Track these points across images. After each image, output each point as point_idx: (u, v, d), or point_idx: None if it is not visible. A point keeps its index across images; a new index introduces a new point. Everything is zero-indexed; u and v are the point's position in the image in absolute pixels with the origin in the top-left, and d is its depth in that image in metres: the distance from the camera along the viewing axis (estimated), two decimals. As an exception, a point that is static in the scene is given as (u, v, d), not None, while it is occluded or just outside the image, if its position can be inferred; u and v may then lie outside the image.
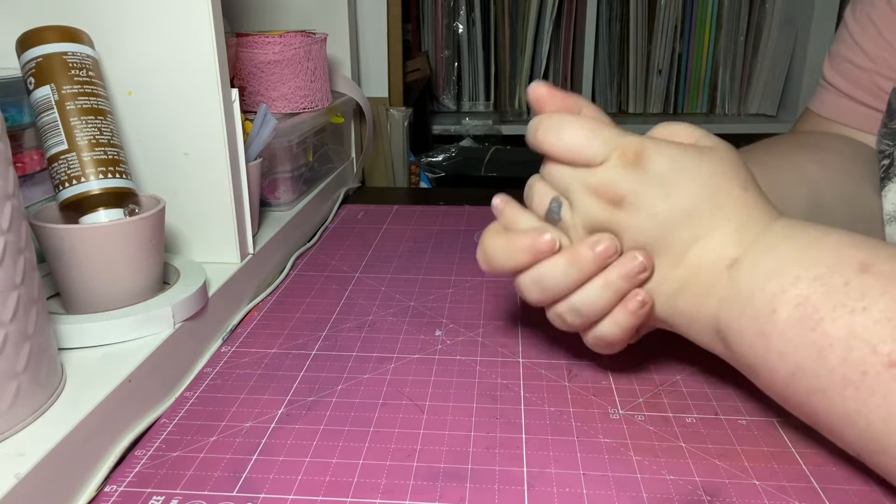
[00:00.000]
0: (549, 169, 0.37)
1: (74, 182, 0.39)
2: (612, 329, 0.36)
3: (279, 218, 0.62)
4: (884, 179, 0.46)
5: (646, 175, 0.34)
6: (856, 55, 0.50)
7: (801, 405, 0.31)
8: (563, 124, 0.36)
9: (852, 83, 0.50)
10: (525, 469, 0.33)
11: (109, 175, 0.40)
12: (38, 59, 0.39)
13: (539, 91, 0.37)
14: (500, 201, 0.39)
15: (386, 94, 0.96)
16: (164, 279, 0.44)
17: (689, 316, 0.35)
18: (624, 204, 0.34)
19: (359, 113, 0.89)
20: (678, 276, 0.34)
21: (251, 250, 0.52)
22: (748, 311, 0.32)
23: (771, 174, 0.44)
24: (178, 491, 0.32)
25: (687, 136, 0.36)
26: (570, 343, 0.44)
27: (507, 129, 1.42)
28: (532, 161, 0.39)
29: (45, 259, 0.40)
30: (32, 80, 0.39)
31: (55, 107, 0.39)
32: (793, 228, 0.33)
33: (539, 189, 0.38)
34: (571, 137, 0.35)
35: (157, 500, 0.31)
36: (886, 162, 0.45)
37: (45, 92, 0.39)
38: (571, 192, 0.36)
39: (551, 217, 0.37)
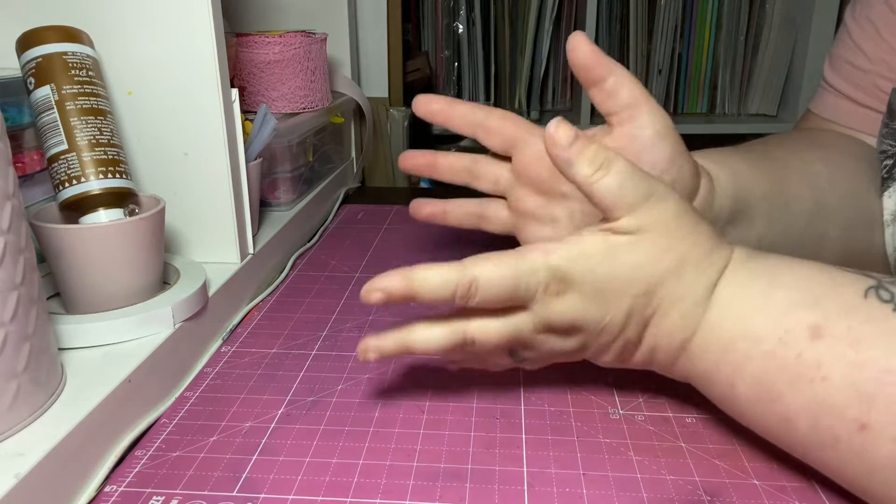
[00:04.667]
0: (490, 346, 0.34)
1: (74, 182, 0.39)
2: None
3: (279, 218, 0.62)
4: (886, 180, 0.46)
5: (577, 299, 0.32)
6: (855, 56, 0.50)
7: (790, 452, 0.32)
8: (479, 277, 0.32)
9: (852, 84, 0.50)
10: (525, 469, 0.33)
11: (109, 175, 0.40)
12: (38, 59, 0.39)
13: (582, 48, 0.37)
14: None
15: (386, 94, 0.96)
16: (164, 279, 0.44)
17: (668, 375, 0.36)
18: (575, 329, 0.34)
19: (359, 113, 0.89)
20: (642, 357, 0.35)
21: (251, 250, 0.52)
22: (711, 387, 0.33)
23: (783, 172, 0.44)
24: (178, 491, 0.32)
25: (620, 206, 0.32)
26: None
27: (507, 129, 1.41)
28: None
29: (45, 259, 0.40)
30: (32, 80, 0.39)
31: (55, 107, 0.39)
32: (735, 292, 0.32)
33: (494, 350, 0.35)
34: (497, 290, 0.32)
35: (157, 500, 0.31)
36: (889, 162, 0.45)
37: (45, 92, 0.39)
38: (527, 343, 0.35)
39: (519, 359, 0.36)
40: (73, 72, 0.40)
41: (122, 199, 0.41)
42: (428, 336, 0.34)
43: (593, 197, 0.32)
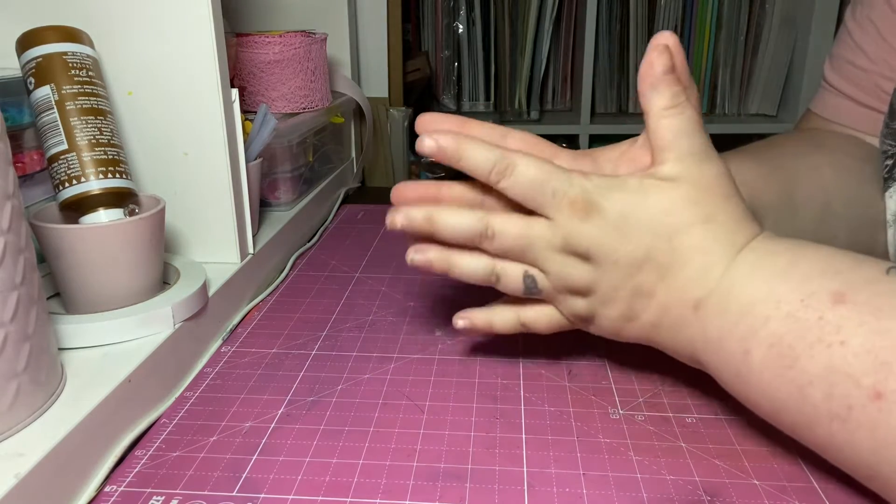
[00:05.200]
0: (507, 243, 0.36)
1: (74, 182, 0.39)
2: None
3: (279, 218, 0.62)
4: (887, 180, 0.46)
5: (600, 225, 0.34)
6: (856, 56, 0.49)
7: (790, 434, 0.32)
8: (518, 163, 0.35)
9: (853, 84, 0.50)
10: (525, 469, 0.33)
11: (109, 175, 0.40)
12: (38, 59, 0.39)
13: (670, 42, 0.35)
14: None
15: (386, 94, 0.96)
16: (164, 279, 0.44)
17: (669, 348, 0.36)
18: (590, 256, 0.35)
19: (359, 113, 0.89)
20: (651, 316, 0.35)
21: (251, 250, 0.52)
22: (721, 353, 0.32)
23: (792, 179, 0.44)
24: (178, 491, 0.32)
25: (668, 150, 0.34)
26: (570, 343, 0.44)
27: (507, 129, 1.41)
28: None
29: (45, 259, 0.40)
30: (32, 80, 0.39)
31: (55, 107, 0.39)
32: (760, 257, 0.32)
33: (507, 270, 0.37)
34: (530, 180, 0.35)
35: (157, 500, 0.31)
36: (890, 162, 0.45)
37: (45, 92, 0.39)
38: (541, 260, 0.36)
39: (531, 292, 0.37)
40: (73, 72, 0.40)
41: (122, 199, 0.41)
42: (454, 217, 0.36)
43: (656, 131, 0.34)
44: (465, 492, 0.32)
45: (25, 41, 0.40)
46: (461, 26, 1.44)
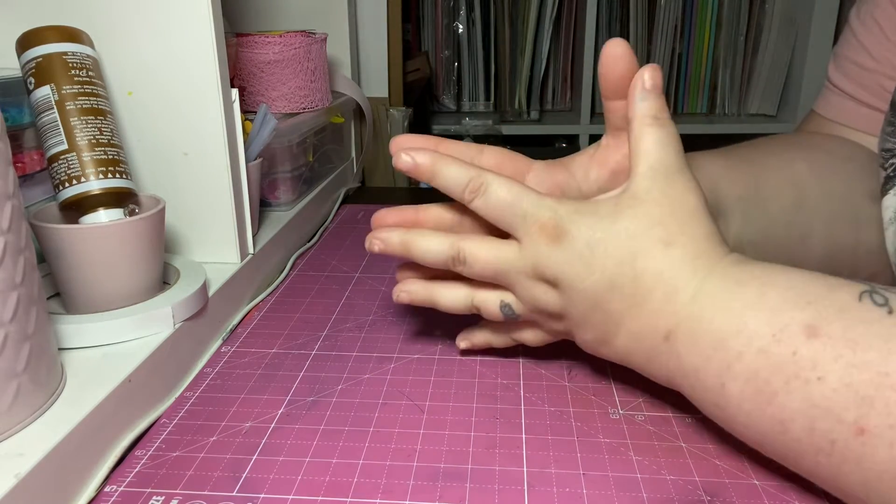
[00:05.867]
0: (478, 269, 0.37)
1: (74, 182, 0.39)
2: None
3: (279, 218, 0.62)
4: (891, 178, 0.45)
5: (567, 251, 0.34)
6: (860, 56, 0.49)
7: (779, 461, 0.31)
8: (491, 183, 0.36)
9: (857, 84, 0.50)
10: (525, 469, 0.33)
11: (109, 175, 0.40)
12: (38, 59, 0.39)
13: (619, 52, 0.37)
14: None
15: (386, 94, 0.96)
16: (164, 279, 0.44)
17: (646, 373, 0.36)
18: (557, 283, 0.35)
19: (359, 113, 0.89)
20: (623, 342, 0.35)
21: (251, 250, 0.52)
22: (697, 384, 0.32)
23: (759, 172, 0.44)
24: (178, 491, 0.32)
25: (642, 163, 0.35)
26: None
27: (507, 129, 1.42)
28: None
29: (45, 259, 0.40)
30: (32, 80, 0.39)
31: (55, 107, 0.39)
32: (727, 286, 0.31)
33: (484, 299, 0.38)
34: (502, 199, 0.36)
35: (157, 500, 0.31)
36: (895, 161, 0.45)
37: (45, 92, 0.39)
38: (512, 285, 0.37)
39: (510, 318, 0.38)
40: (73, 72, 0.40)
41: (122, 199, 0.41)
42: (426, 242, 0.38)
43: (640, 137, 0.35)
44: (465, 492, 0.32)
45: (25, 41, 0.40)
46: (461, 26, 1.44)
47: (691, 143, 0.41)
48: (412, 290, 0.40)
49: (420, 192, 0.92)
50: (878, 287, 0.29)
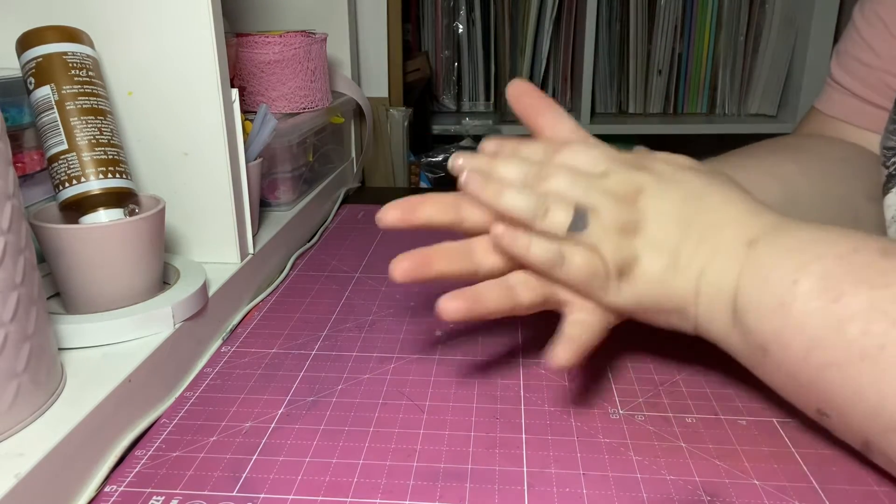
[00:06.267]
0: (560, 182, 0.36)
1: (74, 182, 0.39)
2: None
3: (279, 218, 0.62)
4: (895, 176, 0.45)
5: (654, 171, 0.37)
6: (864, 53, 0.49)
7: (812, 382, 0.31)
8: (566, 146, 0.38)
9: (860, 81, 0.50)
10: (525, 469, 0.33)
11: (109, 175, 0.40)
12: (38, 59, 0.39)
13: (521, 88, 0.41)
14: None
15: (386, 94, 0.96)
16: (164, 279, 0.44)
17: (709, 297, 0.34)
18: (642, 195, 0.36)
19: (359, 113, 0.89)
20: (700, 259, 0.35)
21: (251, 250, 0.52)
22: (769, 281, 0.32)
23: (742, 173, 0.44)
24: (178, 491, 0.32)
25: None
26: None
27: (507, 130, 1.42)
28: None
29: (45, 259, 0.40)
30: (32, 80, 0.39)
31: (55, 107, 0.39)
32: (806, 221, 0.34)
33: (553, 198, 0.35)
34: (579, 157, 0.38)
35: (157, 500, 0.31)
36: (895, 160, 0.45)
37: (45, 92, 0.39)
38: (593, 200, 0.35)
39: (577, 226, 0.35)
40: (73, 72, 0.40)
41: (122, 199, 0.41)
42: (511, 164, 0.39)
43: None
44: (465, 492, 0.32)
45: (25, 41, 0.40)
46: (461, 26, 1.44)
47: (691, 143, 0.42)
48: (482, 184, 0.37)
49: (420, 193, 0.92)
50: None
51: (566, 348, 0.35)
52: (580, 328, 0.36)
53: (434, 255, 0.37)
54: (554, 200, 0.35)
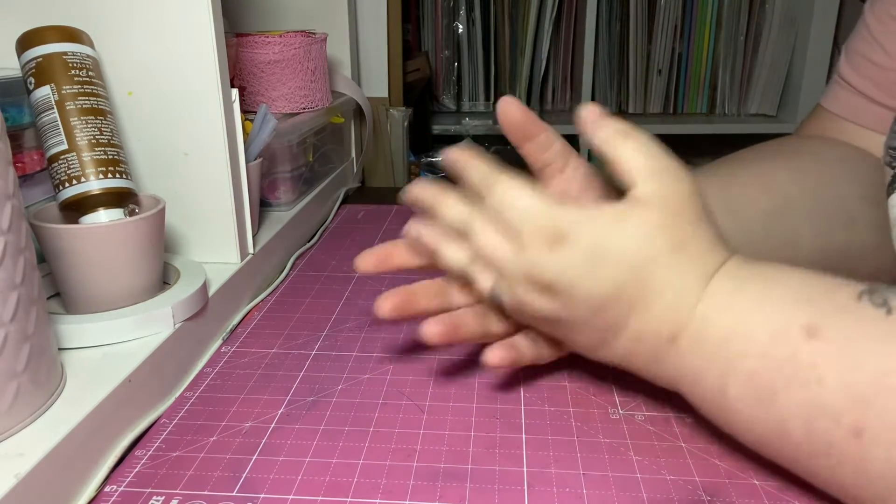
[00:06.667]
0: (481, 243, 0.35)
1: (74, 182, 0.39)
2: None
3: (279, 218, 0.62)
4: None
5: (569, 257, 0.32)
6: (874, 52, 0.49)
7: (780, 463, 0.31)
8: (500, 183, 0.35)
9: (869, 80, 0.49)
10: (525, 469, 0.33)
11: (109, 175, 0.40)
12: (38, 59, 0.39)
13: (512, 110, 0.39)
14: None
15: (386, 94, 0.96)
16: (164, 279, 0.44)
17: (646, 376, 0.35)
18: (553, 290, 0.33)
19: (359, 113, 0.89)
20: (623, 346, 0.34)
21: (251, 250, 0.52)
22: (699, 386, 0.32)
23: (723, 184, 0.44)
24: (178, 491, 0.32)
25: (636, 170, 0.33)
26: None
27: (507, 129, 1.41)
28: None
29: (45, 259, 0.40)
30: (32, 80, 0.39)
31: (55, 107, 0.39)
32: (733, 288, 0.31)
33: (482, 267, 0.36)
34: (513, 199, 0.34)
35: (157, 500, 0.31)
36: None
37: (45, 92, 0.39)
38: (505, 278, 0.35)
39: (494, 300, 0.36)
40: (73, 72, 0.40)
41: (122, 199, 0.41)
42: (452, 203, 0.38)
43: (616, 161, 0.33)
44: (465, 492, 0.32)
45: (25, 41, 0.40)
46: (461, 26, 1.44)
47: (691, 143, 0.42)
48: (423, 232, 0.39)
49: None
50: (878, 286, 0.29)
51: (502, 353, 0.38)
52: (528, 343, 0.39)
53: (416, 295, 0.40)
54: (477, 268, 0.36)
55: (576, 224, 0.32)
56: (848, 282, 0.29)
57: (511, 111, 0.39)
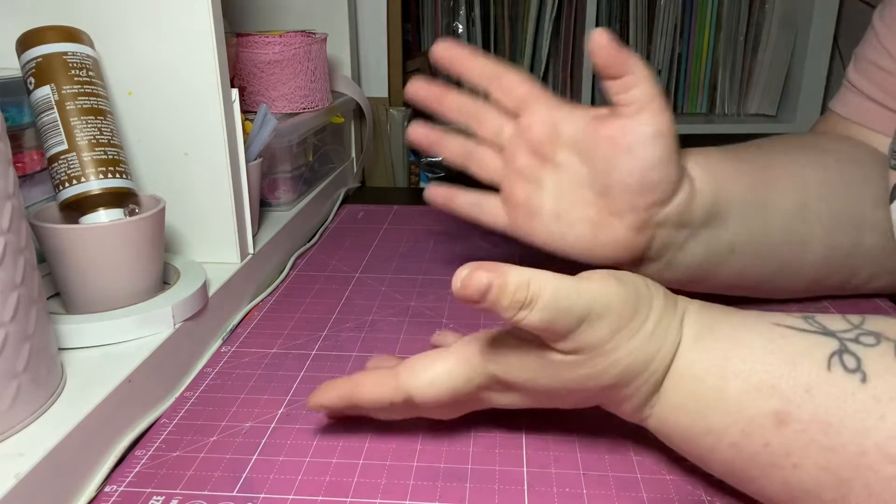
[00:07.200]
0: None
1: (74, 182, 0.39)
2: None
3: (279, 218, 0.62)
4: None
5: (520, 396, 0.33)
6: (882, 58, 0.49)
7: None
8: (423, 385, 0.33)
9: (877, 86, 0.49)
10: (525, 469, 0.33)
11: (109, 175, 0.40)
12: (38, 59, 0.39)
13: (603, 41, 0.39)
14: None
15: (386, 94, 0.96)
16: (164, 279, 0.44)
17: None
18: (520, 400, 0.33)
19: (359, 113, 0.89)
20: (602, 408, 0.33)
21: (251, 250, 0.52)
22: (687, 455, 0.31)
23: (767, 176, 0.44)
24: (178, 491, 0.32)
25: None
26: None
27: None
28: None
29: (45, 259, 0.40)
30: (32, 80, 0.39)
31: (55, 107, 0.39)
32: (688, 388, 0.30)
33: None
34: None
35: (157, 500, 0.31)
36: None
37: (45, 92, 0.39)
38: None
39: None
40: (73, 72, 0.40)
41: (122, 199, 0.41)
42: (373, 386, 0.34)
43: (526, 328, 0.29)
44: (465, 492, 0.32)
45: (25, 41, 0.40)
46: (461, 26, 1.44)
47: (691, 144, 0.41)
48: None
49: (420, 192, 0.92)
50: (849, 339, 0.27)
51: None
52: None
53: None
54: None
55: (514, 373, 0.31)
56: (816, 340, 0.28)
57: (602, 44, 0.39)
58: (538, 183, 0.44)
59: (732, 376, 0.28)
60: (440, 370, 0.32)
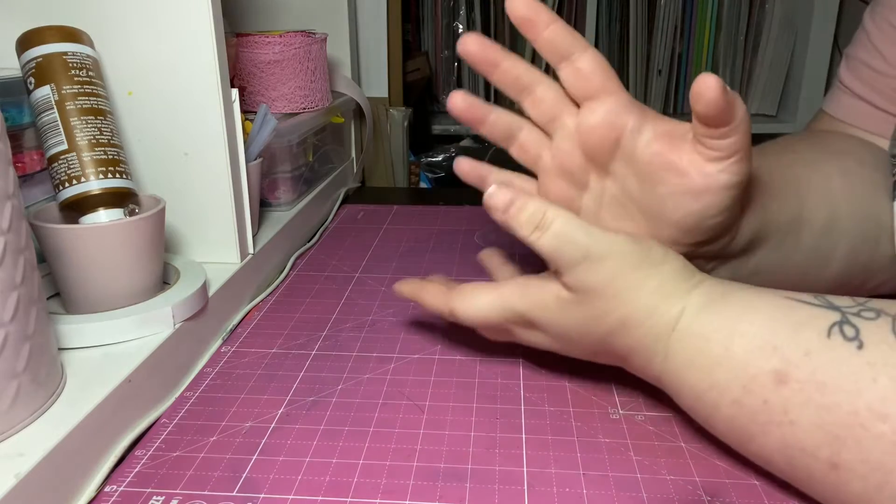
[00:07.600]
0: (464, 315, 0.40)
1: (74, 182, 0.39)
2: None
3: (279, 218, 0.62)
4: None
5: (542, 334, 0.38)
6: (873, 59, 0.49)
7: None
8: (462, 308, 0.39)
9: (869, 87, 0.49)
10: (525, 469, 0.33)
11: (109, 175, 0.40)
12: (38, 59, 0.39)
13: (714, 86, 0.32)
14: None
15: (386, 94, 0.96)
16: (164, 279, 0.44)
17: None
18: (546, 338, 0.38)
19: (359, 113, 0.89)
20: (618, 354, 0.36)
21: (251, 250, 0.52)
22: (691, 411, 0.34)
23: (803, 195, 0.43)
24: (178, 491, 0.32)
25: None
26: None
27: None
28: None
29: (45, 259, 0.40)
30: (32, 80, 0.39)
31: (55, 107, 0.39)
32: (694, 345, 0.32)
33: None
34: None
35: (157, 500, 0.31)
36: None
37: (45, 92, 0.39)
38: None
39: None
40: (73, 72, 0.40)
41: (122, 199, 0.41)
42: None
43: (538, 253, 0.35)
44: (465, 492, 0.32)
45: (25, 41, 0.40)
46: (461, 26, 1.44)
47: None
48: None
49: (420, 192, 0.92)
50: (851, 312, 0.29)
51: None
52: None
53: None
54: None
55: (535, 313, 0.37)
56: (819, 312, 0.30)
57: (712, 86, 0.32)
58: (582, 186, 0.41)
59: (738, 336, 0.31)
60: (480, 301, 0.38)
